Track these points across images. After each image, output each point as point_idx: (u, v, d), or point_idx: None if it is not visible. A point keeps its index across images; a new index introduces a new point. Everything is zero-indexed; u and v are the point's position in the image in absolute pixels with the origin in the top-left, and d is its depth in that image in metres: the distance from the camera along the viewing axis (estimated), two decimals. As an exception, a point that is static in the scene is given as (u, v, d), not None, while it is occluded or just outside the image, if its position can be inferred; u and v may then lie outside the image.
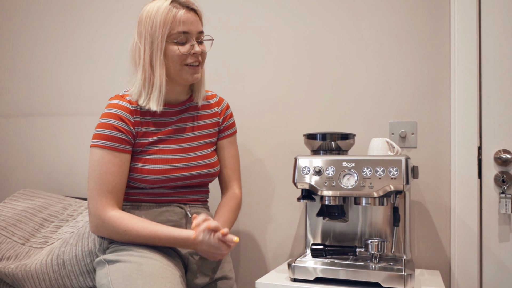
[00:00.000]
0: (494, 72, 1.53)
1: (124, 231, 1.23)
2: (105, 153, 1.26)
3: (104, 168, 1.25)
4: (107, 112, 1.29)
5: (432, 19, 1.59)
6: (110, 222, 1.23)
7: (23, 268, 1.45)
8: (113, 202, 1.25)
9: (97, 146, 1.26)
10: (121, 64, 1.99)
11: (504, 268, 1.50)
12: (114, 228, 1.23)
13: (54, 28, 2.11)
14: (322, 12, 1.71)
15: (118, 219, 1.23)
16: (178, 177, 1.32)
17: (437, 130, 1.58)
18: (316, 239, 1.46)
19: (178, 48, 1.27)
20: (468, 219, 1.51)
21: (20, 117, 2.16)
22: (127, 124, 1.28)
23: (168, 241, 1.23)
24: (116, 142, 1.27)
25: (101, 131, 1.27)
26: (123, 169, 1.28)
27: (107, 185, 1.25)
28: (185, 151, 1.35)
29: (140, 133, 1.31)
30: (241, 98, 1.79)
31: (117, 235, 1.24)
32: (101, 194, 1.24)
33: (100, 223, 1.24)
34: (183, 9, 1.27)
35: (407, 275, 1.19)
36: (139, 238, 1.23)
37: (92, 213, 1.25)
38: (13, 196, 1.86)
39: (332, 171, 1.32)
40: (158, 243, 1.24)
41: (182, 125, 1.37)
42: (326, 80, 1.70)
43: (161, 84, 1.27)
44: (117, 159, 1.26)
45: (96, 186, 1.25)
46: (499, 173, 1.51)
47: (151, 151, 1.31)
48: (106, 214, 1.23)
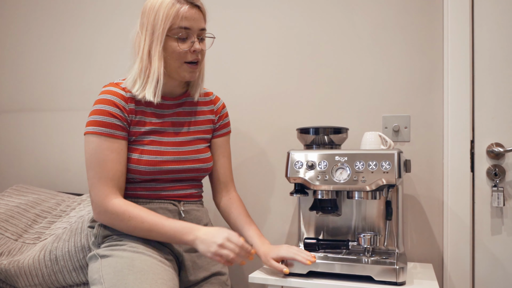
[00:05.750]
0: (486, 65, 1.53)
1: (129, 218, 1.21)
2: (102, 140, 1.24)
3: (103, 156, 1.23)
4: (101, 99, 1.27)
5: (425, 13, 1.59)
6: (114, 209, 1.22)
7: (15, 264, 1.44)
8: (115, 190, 1.24)
9: (93, 133, 1.24)
10: (114, 59, 1.98)
11: (496, 261, 1.51)
12: (118, 215, 1.22)
13: (46, 24, 2.10)
14: (315, 6, 1.71)
15: (122, 206, 1.22)
16: (170, 169, 1.31)
17: (430, 123, 1.58)
18: (310, 233, 1.46)
19: (178, 44, 1.26)
20: (461, 212, 1.51)
21: (12, 113, 2.15)
22: (122, 111, 1.27)
23: (172, 229, 1.20)
24: (112, 129, 1.25)
25: (96, 117, 1.25)
26: (122, 155, 1.26)
27: (107, 172, 1.23)
28: (178, 145, 1.34)
29: (134, 121, 1.29)
30: (234, 93, 1.78)
31: (121, 223, 1.22)
32: (102, 182, 1.22)
33: (103, 211, 1.23)
34: (187, 5, 1.26)
35: (399, 268, 1.19)
36: (143, 225, 1.21)
37: (95, 201, 1.24)
38: (6, 192, 1.85)
39: (324, 165, 1.32)
40: (161, 231, 1.21)
41: (178, 118, 1.37)
42: (319, 74, 1.70)
43: (158, 75, 1.26)
44: (115, 145, 1.25)
45: (97, 174, 1.23)
46: (491, 167, 1.52)
47: (144, 141, 1.30)
48: (109, 202, 1.22)
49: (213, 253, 1.15)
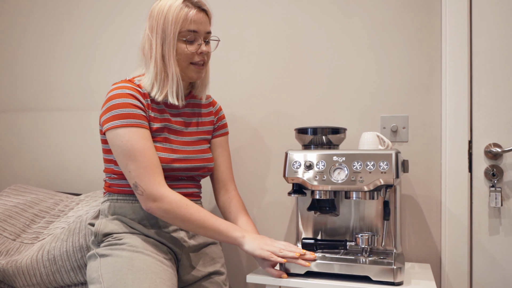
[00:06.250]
0: (485, 66, 1.53)
1: (186, 205, 1.22)
2: (133, 131, 1.23)
3: (140, 145, 1.22)
4: (118, 93, 1.26)
5: (423, 13, 1.59)
6: (172, 196, 1.22)
7: (13, 264, 1.44)
8: (163, 178, 1.24)
9: (121, 126, 1.23)
10: (113, 59, 1.98)
11: (494, 261, 1.51)
12: (177, 202, 1.21)
13: (45, 24, 2.10)
14: (313, 5, 1.71)
15: (177, 194, 1.23)
16: (179, 168, 1.33)
17: (428, 124, 1.58)
18: (308, 233, 1.46)
19: (186, 46, 1.29)
20: (459, 212, 1.52)
21: (11, 112, 2.15)
22: (141, 103, 1.28)
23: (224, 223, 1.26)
24: (139, 119, 1.25)
25: (119, 111, 1.24)
26: (153, 144, 1.26)
27: (151, 161, 1.22)
28: (186, 144, 1.36)
29: (151, 116, 1.31)
30: (232, 93, 1.78)
31: (178, 210, 1.21)
32: (150, 170, 1.21)
33: (160, 198, 1.21)
34: (195, 9, 1.29)
35: (397, 268, 1.19)
36: (199, 214, 1.23)
37: (147, 191, 1.21)
38: (4, 191, 1.85)
39: (322, 165, 1.32)
40: (214, 224, 1.24)
41: (184, 118, 1.39)
42: (318, 74, 1.70)
43: (177, 79, 1.29)
44: (147, 134, 1.26)
45: (140, 164, 1.21)
46: (489, 167, 1.52)
47: (158, 138, 1.31)
48: (165, 188, 1.22)
49: (265, 249, 1.22)
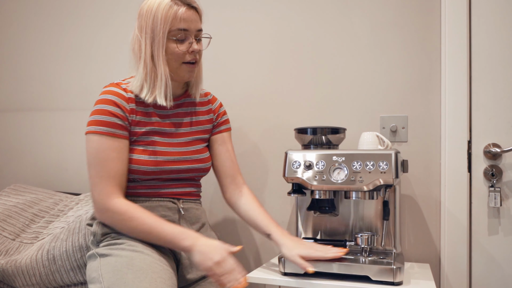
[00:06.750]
0: (484, 66, 1.53)
1: (129, 218, 1.21)
2: (104, 139, 1.24)
3: (104, 155, 1.24)
4: (102, 99, 1.28)
5: (423, 14, 1.59)
6: (115, 209, 1.22)
7: (13, 263, 1.44)
8: (117, 189, 1.24)
9: (94, 132, 1.25)
10: (112, 58, 1.98)
11: (493, 261, 1.51)
12: (120, 215, 1.22)
13: (44, 23, 2.10)
14: (313, 5, 1.71)
15: (124, 206, 1.22)
16: (171, 169, 1.32)
17: (427, 124, 1.58)
18: (308, 233, 1.47)
19: (177, 46, 1.27)
20: (458, 212, 1.52)
21: (10, 112, 2.15)
22: (123, 110, 1.27)
23: (172, 233, 1.21)
24: (114, 128, 1.26)
25: (97, 117, 1.26)
26: (123, 154, 1.26)
27: (109, 171, 1.23)
28: (178, 145, 1.35)
29: (135, 121, 1.30)
30: (232, 93, 1.78)
31: (121, 222, 1.22)
32: (104, 181, 1.23)
33: (104, 210, 1.23)
34: (184, 7, 1.27)
35: (397, 268, 1.19)
36: (143, 226, 1.21)
37: (96, 200, 1.24)
38: (3, 191, 1.85)
39: (322, 165, 1.32)
40: (160, 234, 1.21)
41: (177, 119, 1.38)
42: (317, 74, 1.70)
43: (166, 79, 1.28)
44: (116, 144, 1.25)
45: (98, 173, 1.23)
46: (488, 167, 1.52)
47: (145, 141, 1.30)
48: (111, 201, 1.22)
49: (207, 268, 1.17)
